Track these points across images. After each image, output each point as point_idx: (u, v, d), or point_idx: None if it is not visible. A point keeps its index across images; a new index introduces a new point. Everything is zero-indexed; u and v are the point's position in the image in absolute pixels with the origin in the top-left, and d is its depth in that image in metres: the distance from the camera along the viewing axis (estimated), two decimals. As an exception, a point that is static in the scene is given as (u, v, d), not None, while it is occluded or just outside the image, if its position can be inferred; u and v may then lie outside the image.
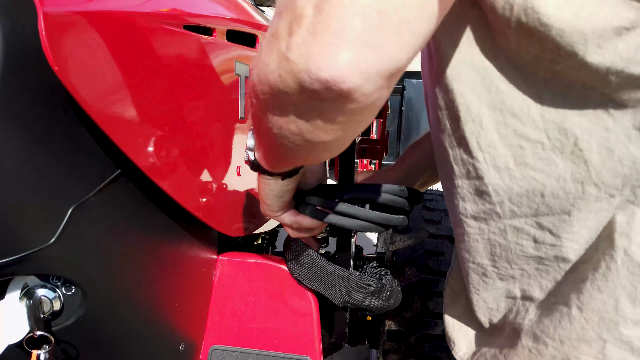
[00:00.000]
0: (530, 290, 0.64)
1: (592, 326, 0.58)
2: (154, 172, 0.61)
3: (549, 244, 0.59)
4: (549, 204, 0.57)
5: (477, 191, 0.61)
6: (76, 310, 0.58)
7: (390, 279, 0.93)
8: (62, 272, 0.54)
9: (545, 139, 0.54)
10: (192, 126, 0.71)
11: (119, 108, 0.54)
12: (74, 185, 0.52)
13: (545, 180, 0.56)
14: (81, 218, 0.53)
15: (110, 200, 0.57)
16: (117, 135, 0.54)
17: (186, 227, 0.75)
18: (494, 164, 0.58)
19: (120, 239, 0.60)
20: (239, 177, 0.88)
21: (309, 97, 0.41)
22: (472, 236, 0.65)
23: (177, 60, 0.66)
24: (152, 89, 0.60)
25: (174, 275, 0.75)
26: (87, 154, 0.54)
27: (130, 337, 0.67)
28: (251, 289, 0.90)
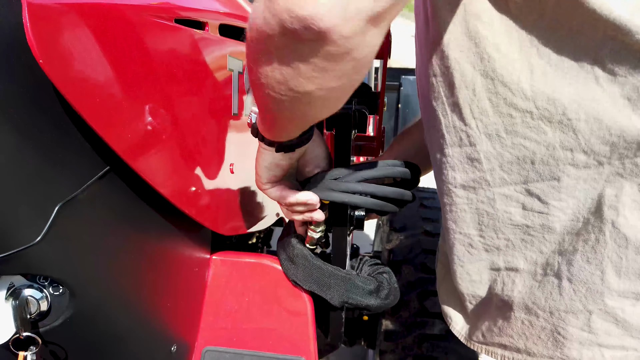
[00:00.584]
0: (514, 262, 0.65)
1: (580, 297, 0.60)
2: (144, 169, 0.59)
3: (537, 211, 0.60)
4: (538, 170, 0.58)
5: (468, 159, 0.62)
6: (64, 310, 0.57)
7: (388, 276, 0.92)
8: (49, 272, 0.52)
9: (534, 108, 0.55)
10: (183, 122, 0.69)
11: (107, 103, 0.53)
12: (61, 182, 0.51)
13: (535, 148, 0.57)
14: (68, 216, 0.51)
15: (99, 198, 0.56)
16: (106, 131, 0.53)
17: (178, 226, 0.74)
18: (486, 132, 0.59)
19: (109, 238, 0.58)
20: (232, 174, 0.87)
21: (290, 38, 0.41)
22: (460, 206, 0.66)
23: (168, 55, 0.65)
24: (142, 84, 0.59)
25: (165, 275, 0.73)
26: (75, 150, 0.52)
27: (120, 339, 0.65)
28: (245, 289, 0.88)
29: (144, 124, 0.60)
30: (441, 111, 0.62)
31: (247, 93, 0.92)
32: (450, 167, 0.64)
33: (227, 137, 0.85)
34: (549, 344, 0.65)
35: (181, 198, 0.68)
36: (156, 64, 0.62)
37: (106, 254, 0.59)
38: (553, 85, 0.53)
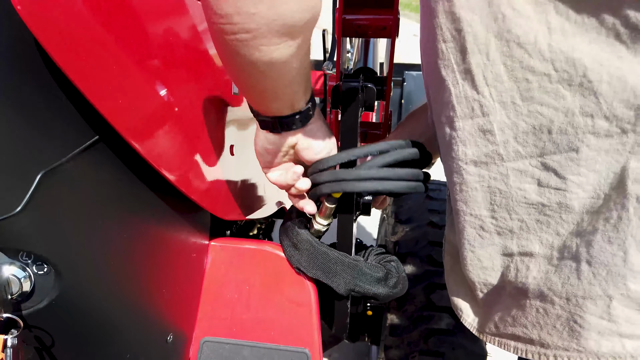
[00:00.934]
0: (528, 246, 0.61)
1: (599, 281, 0.55)
2: (137, 140, 0.55)
3: (554, 187, 0.56)
4: (556, 141, 0.54)
5: (481, 131, 0.58)
6: (49, 291, 0.52)
7: (396, 265, 0.87)
8: (30, 247, 0.48)
9: (553, 70, 0.51)
10: (181, 94, 0.65)
11: (96, 62, 0.49)
12: (45, 148, 0.46)
13: (553, 115, 0.53)
14: (52, 186, 0.47)
15: (87, 169, 0.51)
16: (94, 94, 0.48)
17: (175, 207, 0.69)
18: (500, 100, 0.55)
19: (97, 214, 0.54)
20: (232, 156, 0.82)
21: None
22: (470, 184, 0.61)
23: (166, 20, 0.61)
24: (136, 47, 0.55)
25: (160, 259, 0.69)
26: (61, 114, 0.48)
27: (110, 325, 0.61)
28: (245, 277, 0.84)
29: (138, 90, 0.55)
30: (451, 81, 0.58)
31: None
32: (460, 141, 0.60)
33: (226, 116, 0.81)
34: (564, 334, 0.60)
35: (178, 175, 0.63)
36: (153, 27, 0.57)
37: (94, 231, 0.54)
38: (573, 44, 0.49)
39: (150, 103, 0.58)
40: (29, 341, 0.54)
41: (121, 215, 0.58)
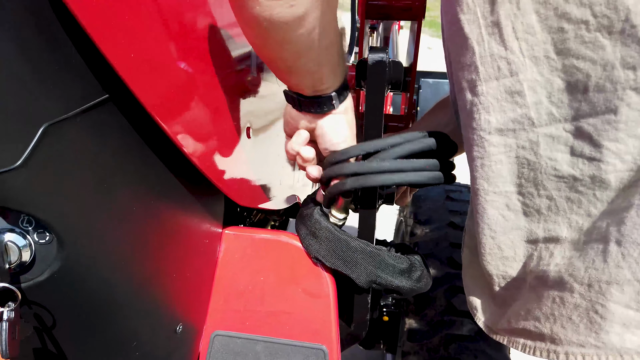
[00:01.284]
0: (556, 230, 0.54)
1: (629, 263, 0.48)
2: (151, 104, 0.51)
3: (587, 156, 0.49)
4: (592, 100, 0.48)
5: (508, 93, 0.52)
6: (51, 263, 0.48)
7: (420, 258, 0.82)
8: (29, 208, 0.44)
9: (591, 16, 0.45)
10: (200, 66, 0.61)
11: (114, 15, 0.45)
12: (50, 100, 0.43)
13: (590, 69, 0.47)
14: (57, 142, 0.43)
15: (94, 128, 0.47)
16: (110, 46, 0.45)
17: (187, 185, 0.65)
18: (532, 54, 0.49)
19: (105, 180, 0.50)
20: (248, 139, 0.78)
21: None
22: (495, 157, 0.55)
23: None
24: (160, 17, 0.51)
25: (171, 240, 0.64)
26: (71, 68, 0.44)
27: (116, 307, 0.56)
28: (260, 268, 0.79)
29: (157, 52, 0.52)
30: (475, 38, 0.52)
31: None
32: (483, 108, 0.54)
33: (244, 97, 0.77)
34: (580, 326, 0.53)
35: (194, 149, 0.59)
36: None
37: (101, 199, 0.50)
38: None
39: (171, 72, 0.54)
40: (27, 318, 0.50)
41: (129, 185, 0.54)
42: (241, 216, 1.04)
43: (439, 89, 2.69)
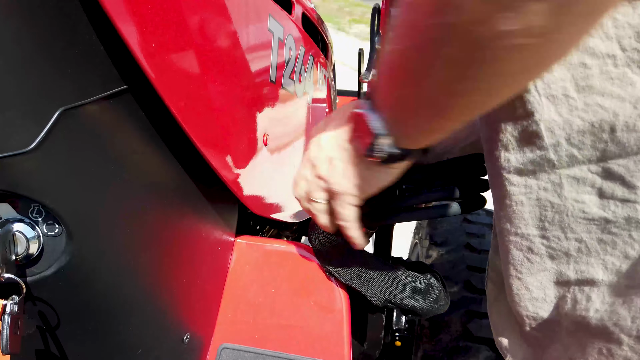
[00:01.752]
0: (590, 271, 0.50)
1: None
2: (174, 102, 0.50)
3: (620, 198, 0.45)
4: (621, 140, 0.44)
5: (525, 133, 0.48)
6: (58, 257, 0.46)
7: (438, 278, 0.79)
8: (40, 195, 0.42)
9: (619, 50, 0.42)
10: (221, 69, 0.60)
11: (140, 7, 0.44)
12: (68, 84, 0.42)
13: (618, 108, 0.43)
14: (71, 128, 0.42)
15: (111, 117, 0.46)
16: (133, 36, 0.44)
17: (202, 188, 0.63)
18: (549, 93, 0.45)
19: (118, 174, 0.48)
20: (265, 146, 0.77)
21: None
22: (515, 197, 0.51)
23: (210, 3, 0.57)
24: (186, 21, 0.51)
25: (183, 245, 0.62)
26: (90, 51, 0.43)
27: (124, 308, 0.54)
28: (272, 279, 0.77)
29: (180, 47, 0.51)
30: None
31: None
32: (502, 146, 0.50)
33: (262, 103, 0.76)
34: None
35: (212, 150, 0.58)
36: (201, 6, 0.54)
37: (114, 193, 0.48)
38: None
39: (194, 73, 0.53)
40: (31, 314, 0.48)
41: (143, 182, 0.53)
42: (253, 230, 1.02)
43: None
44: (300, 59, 0.95)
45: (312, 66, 1.07)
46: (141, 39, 0.45)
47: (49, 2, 0.39)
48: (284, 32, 0.83)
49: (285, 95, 0.86)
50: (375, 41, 1.14)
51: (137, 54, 0.44)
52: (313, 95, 1.08)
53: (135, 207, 0.52)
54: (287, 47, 0.85)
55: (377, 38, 1.13)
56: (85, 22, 0.42)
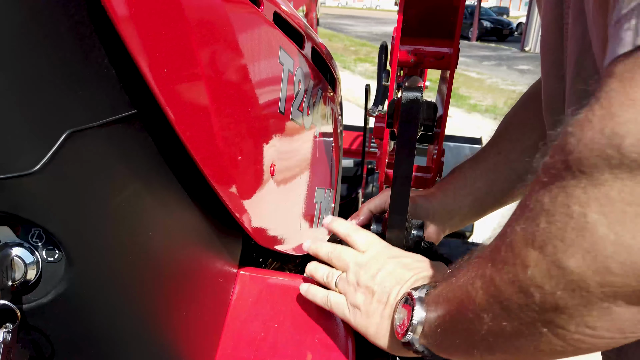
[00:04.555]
0: None
1: None
2: (181, 125, 0.49)
3: None
4: None
5: None
6: (57, 284, 0.45)
7: None
8: (41, 219, 0.41)
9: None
10: (231, 98, 0.60)
11: (152, 27, 0.44)
12: (77, 106, 0.41)
13: None
14: (78, 151, 0.41)
15: (118, 142, 0.45)
16: (145, 61, 0.43)
17: (208, 217, 0.62)
18: None
19: (124, 200, 0.47)
20: (272, 176, 0.76)
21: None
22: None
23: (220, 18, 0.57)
24: (192, 35, 0.51)
25: (185, 275, 0.60)
26: (101, 75, 0.43)
27: (118, 341, 0.52)
28: (275, 314, 0.74)
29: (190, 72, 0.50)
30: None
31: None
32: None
33: (271, 133, 0.75)
34: None
35: (219, 177, 0.57)
36: (213, 32, 0.54)
37: (117, 220, 0.47)
38: None
39: (201, 92, 0.53)
40: (24, 343, 0.46)
41: (148, 210, 0.51)
42: (256, 262, 1.00)
43: (459, 152, 2.68)
44: (309, 92, 0.95)
45: (320, 99, 1.07)
46: (153, 65, 0.45)
47: (63, 24, 0.39)
48: (294, 65, 0.84)
49: (294, 127, 0.86)
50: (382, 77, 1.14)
51: (149, 79, 0.44)
52: (320, 128, 1.08)
53: (138, 236, 0.50)
54: (296, 80, 0.85)
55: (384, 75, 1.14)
56: (98, 46, 0.42)
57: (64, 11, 0.39)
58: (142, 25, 0.43)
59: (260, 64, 0.69)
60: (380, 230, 0.80)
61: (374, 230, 0.80)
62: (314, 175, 1.04)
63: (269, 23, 0.72)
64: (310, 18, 2.73)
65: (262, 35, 0.69)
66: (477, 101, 8.94)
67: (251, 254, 0.89)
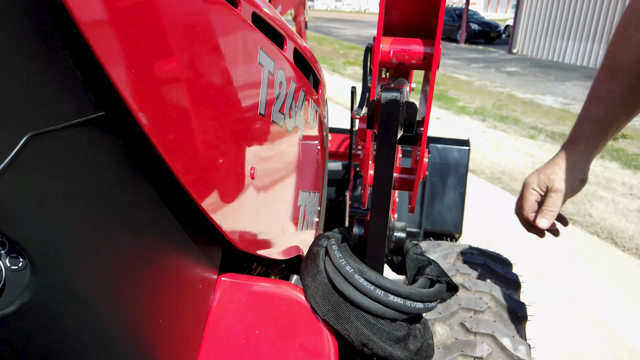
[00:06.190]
0: None
1: None
2: (152, 128, 0.48)
3: None
4: None
5: None
6: (21, 293, 0.43)
7: (423, 328, 0.75)
8: (4, 226, 0.39)
9: None
10: (207, 99, 0.58)
11: (119, 26, 0.43)
12: (39, 108, 0.39)
13: None
14: (39, 156, 0.39)
15: (84, 145, 0.44)
16: (111, 60, 0.42)
17: (182, 221, 0.60)
18: None
19: (91, 204, 0.46)
20: (252, 179, 0.74)
21: None
22: None
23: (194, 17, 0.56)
24: (163, 36, 0.49)
25: (159, 281, 0.59)
26: (66, 76, 0.41)
27: (91, 351, 0.50)
28: (256, 321, 0.73)
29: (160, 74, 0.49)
30: None
31: None
32: None
33: (250, 136, 0.74)
34: None
35: (193, 180, 0.55)
36: (185, 30, 0.52)
37: (85, 225, 0.46)
38: None
39: (175, 95, 0.52)
40: (-13, 356, 0.44)
41: (118, 214, 0.50)
42: (240, 267, 0.98)
43: (447, 154, 2.69)
44: (291, 94, 0.94)
45: (303, 102, 1.06)
46: (120, 65, 0.43)
47: (22, 23, 0.37)
48: (275, 66, 0.82)
49: (275, 129, 0.84)
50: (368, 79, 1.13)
51: (115, 81, 0.43)
52: (304, 130, 1.07)
53: (107, 241, 0.48)
54: (277, 81, 0.84)
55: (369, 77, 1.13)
56: (61, 45, 0.40)
57: (23, 10, 0.37)
58: (106, 24, 0.41)
59: (238, 66, 0.68)
60: (362, 232, 0.79)
61: (356, 232, 0.79)
62: (298, 178, 1.03)
63: (247, 24, 0.71)
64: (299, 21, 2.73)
65: (239, 36, 0.68)
66: (466, 103, 8.98)
67: (234, 260, 0.87)
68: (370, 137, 0.88)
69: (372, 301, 0.67)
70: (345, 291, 0.68)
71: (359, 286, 0.67)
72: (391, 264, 0.86)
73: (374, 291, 0.67)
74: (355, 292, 0.67)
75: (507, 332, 1.10)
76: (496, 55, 16.39)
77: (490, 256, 1.38)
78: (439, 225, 2.57)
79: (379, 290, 0.67)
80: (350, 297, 0.67)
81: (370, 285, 0.67)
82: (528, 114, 8.28)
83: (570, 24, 14.87)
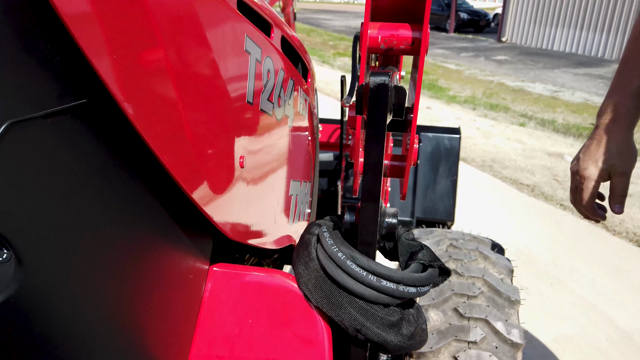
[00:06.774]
0: None
1: None
2: (136, 116, 0.47)
3: None
4: None
5: None
6: (6, 285, 0.42)
7: (417, 313, 0.75)
8: (-16, 217, 0.39)
9: None
10: (193, 87, 0.58)
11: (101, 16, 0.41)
12: (18, 96, 0.38)
13: None
14: (20, 143, 0.38)
15: (67, 133, 0.43)
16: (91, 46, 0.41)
17: (171, 210, 0.60)
18: None
19: (75, 193, 0.45)
20: (242, 168, 0.74)
21: None
22: None
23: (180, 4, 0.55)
24: (148, 24, 0.48)
25: (149, 272, 0.58)
26: (46, 62, 0.40)
27: (78, 343, 0.49)
28: (249, 310, 0.72)
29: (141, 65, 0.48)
30: None
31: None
32: None
33: (238, 124, 0.73)
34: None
35: (181, 169, 0.55)
36: (173, 23, 0.51)
37: (70, 214, 0.45)
38: None
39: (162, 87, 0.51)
40: (-27, 350, 0.43)
41: (103, 202, 0.49)
42: (233, 257, 0.98)
43: (438, 142, 2.69)
44: (279, 82, 0.93)
45: (292, 91, 1.05)
46: (104, 55, 0.42)
47: None
48: (262, 54, 0.81)
49: (264, 118, 0.84)
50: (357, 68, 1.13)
51: (99, 71, 0.42)
52: (293, 119, 1.06)
53: (94, 231, 0.48)
54: (265, 69, 0.83)
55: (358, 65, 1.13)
56: (39, 31, 0.39)
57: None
58: (85, 8, 0.40)
59: (224, 53, 0.67)
60: (353, 219, 0.78)
61: (347, 219, 0.78)
62: (288, 167, 1.02)
63: (232, 10, 0.70)
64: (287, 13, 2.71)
65: (225, 23, 0.67)
66: (456, 92, 8.99)
67: (227, 250, 0.87)
68: (360, 125, 0.87)
69: (364, 287, 0.67)
70: (338, 278, 0.67)
71: (351, 272, 0.67)
72: (383, 251, 0.86)
73: (366, 277, 0.66)
74: (347, 278, 0.67)
75: (500, 316, 1.10)
76: (485, 44, 16.41)
77: (482, 242, 1.39)
78: (431, 214, 2.58)
79: (371, 276, 0.67)
80: (342, 283, 0.67)
81: (363, 270, 0.67)
82: (518, 102, 8.31)
83: (559, 12, 14.91)
